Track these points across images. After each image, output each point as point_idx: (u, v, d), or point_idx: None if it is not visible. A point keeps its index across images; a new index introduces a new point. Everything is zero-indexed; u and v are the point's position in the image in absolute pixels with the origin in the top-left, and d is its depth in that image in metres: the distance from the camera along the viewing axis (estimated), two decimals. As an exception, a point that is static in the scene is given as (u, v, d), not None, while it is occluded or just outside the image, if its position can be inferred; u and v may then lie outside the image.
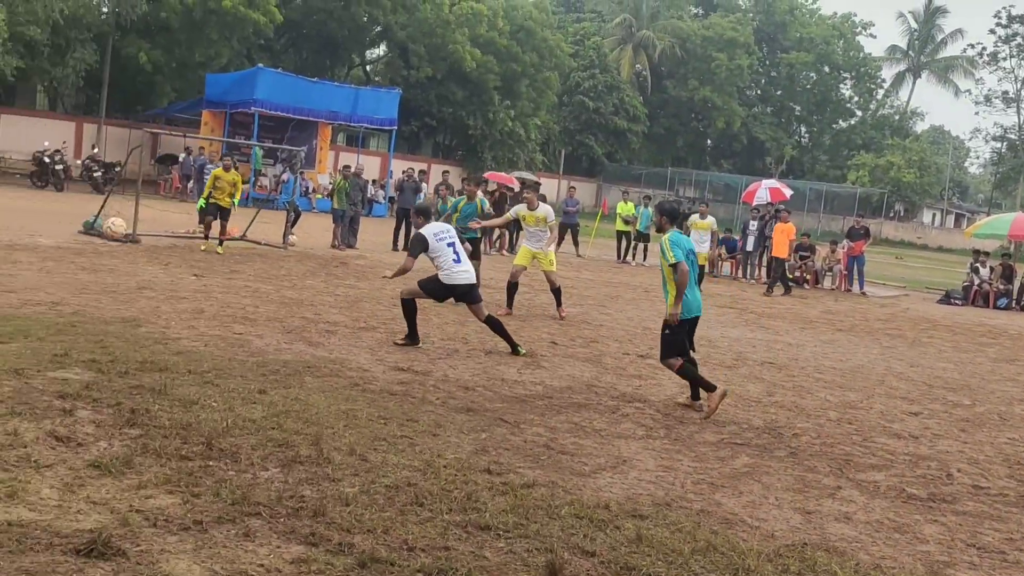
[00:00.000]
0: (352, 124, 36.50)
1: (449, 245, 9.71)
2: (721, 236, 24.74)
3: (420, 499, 5.05)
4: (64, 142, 32.70)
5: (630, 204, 25.96)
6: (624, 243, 25.66)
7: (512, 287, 12.86)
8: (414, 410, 7.02)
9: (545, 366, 9.42)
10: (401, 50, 45.28)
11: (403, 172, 23.99)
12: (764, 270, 23.39)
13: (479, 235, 14.17)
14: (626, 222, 25.50)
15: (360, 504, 4.87)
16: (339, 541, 4.38)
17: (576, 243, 25.81)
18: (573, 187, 28.80)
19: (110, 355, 7.51)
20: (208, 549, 4.17)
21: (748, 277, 23.76)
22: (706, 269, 19.90)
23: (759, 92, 70.99)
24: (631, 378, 9.29)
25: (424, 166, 40.37)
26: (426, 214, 10.18)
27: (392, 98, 35.80)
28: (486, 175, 34.43)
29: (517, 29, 47.42)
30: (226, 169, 17.00)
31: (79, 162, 32.15)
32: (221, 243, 16.60)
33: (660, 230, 8.24)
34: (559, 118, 58.00)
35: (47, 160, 29.18)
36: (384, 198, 34.46)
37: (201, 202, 17.40)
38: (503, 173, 35.85)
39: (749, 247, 23.68)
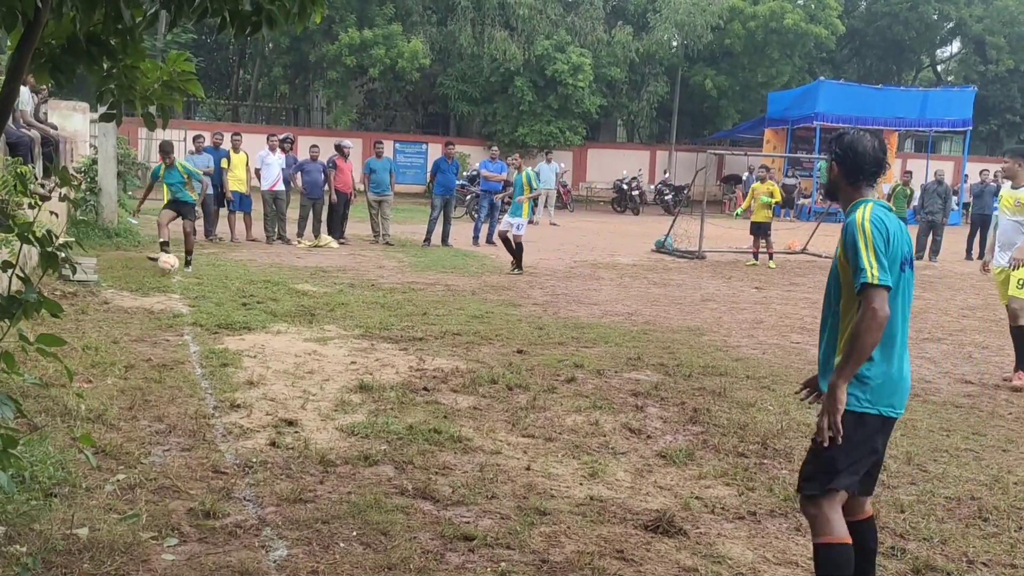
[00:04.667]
0: (920, 128, 34.59)
1: None
2: None
3: (984, 514, 4.77)
4: (640, 169, 35.79)
5: None
6: None
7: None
8: (981, 424, 6.57)
9: None
10: (977, 44, 41.77)
11: (980, 174, 22.22)
12: None
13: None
14: None
15: (916, 512, 4.76)
16: (892, 545, 4.34)
17: None
18: None
19: (676, 360, 8.15)
20: (760, 538, 4.40)
21: None
22: None
23: None
24: None
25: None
26: None
27: (966, 97, 33.21)
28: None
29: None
30: (761, 181, 17.16)
31: (652, 187, 34.92)
32: (771, 257, 16.80)
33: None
34: None
35: (625, 187, 32.15)
36: (958, 204, 32.06)
37: (737, 212, 17.68)
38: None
39: None
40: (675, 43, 36.46)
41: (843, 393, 3.32)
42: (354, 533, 4.18)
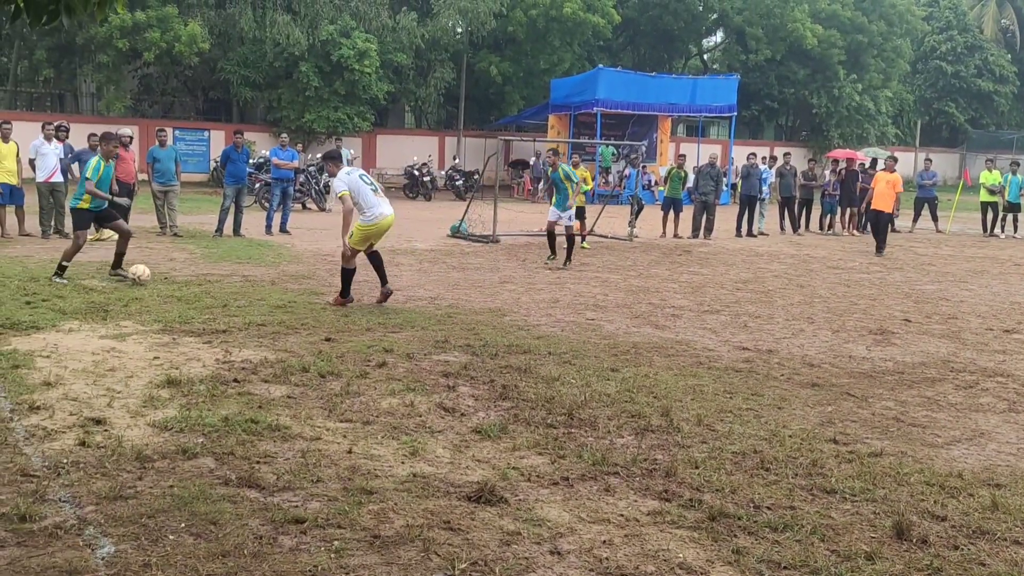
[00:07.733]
0: (691, 114, 36.71)
1: None
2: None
3: (766, 464, 5.32)
4: (429, 155, 36.03)
5: (995, 173, 23.97)
6: (991, 215, 23.84)
7: None
8: (759, 385, 7.25)
9: (896, 343, 9.19)
10: (738, 35, 44.70)
11: (748, 157, 23.89)
12: None
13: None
14: (991, 192, 23.66)
15: (708, 467, 5.24)
16: (690, 498, 4.77)
17: (935, 218, 24.34)
18: (929, 159, 27.04)
19: (481, 340, 8.45)
20: (575, 501, 4.73)
21: None
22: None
23: None
24: (994, 353, 8.83)
25: (767, 150, 39.62)
26: None
27: (730, 84, 35.54)
28: (829, 154, 33.33)
29: (862, -2, 45.07)
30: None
31: (443, 172, 35.28)
32: (583, 239, 17.70)
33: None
34: (913, 87, 54.26)
35: (416, 173, 32.30)
36: (727, 185, 34.30)
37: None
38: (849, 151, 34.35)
39: None
40: (459, 29, 36.89)
41: None
42: (182, 525, 4.18)
